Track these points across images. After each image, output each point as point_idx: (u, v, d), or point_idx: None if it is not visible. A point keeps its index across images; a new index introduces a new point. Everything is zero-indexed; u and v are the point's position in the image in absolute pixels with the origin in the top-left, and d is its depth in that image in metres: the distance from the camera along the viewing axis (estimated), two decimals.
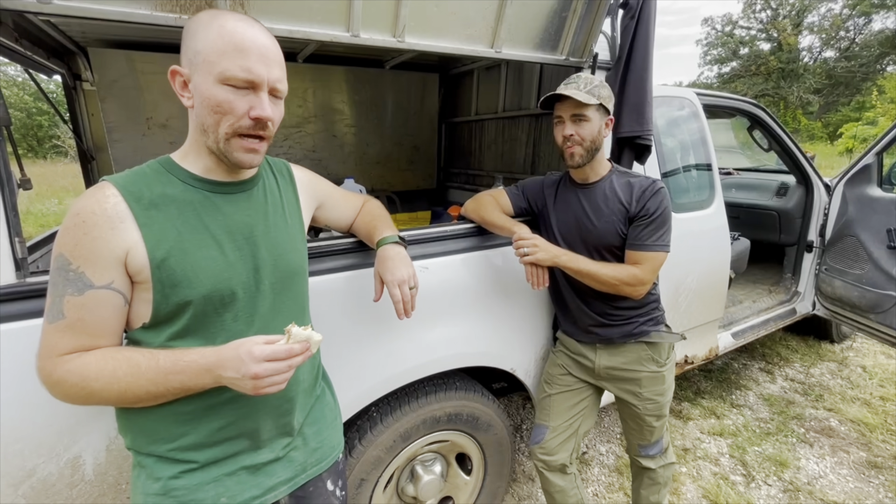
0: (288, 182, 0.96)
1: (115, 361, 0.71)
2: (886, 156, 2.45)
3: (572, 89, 1.28)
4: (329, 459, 0.99)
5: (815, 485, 2.06)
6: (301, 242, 0.93)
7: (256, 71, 0.72)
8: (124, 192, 0.72)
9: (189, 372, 0.71)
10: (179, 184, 0.78)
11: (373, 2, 1.23)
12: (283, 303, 0.87)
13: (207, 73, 0.71)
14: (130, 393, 0.71)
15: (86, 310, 0.71)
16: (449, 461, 1.67)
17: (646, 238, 1.32)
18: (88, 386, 0.70)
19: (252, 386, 0.69)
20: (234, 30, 0.71)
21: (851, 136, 15.90)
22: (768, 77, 23.12)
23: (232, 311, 0.79)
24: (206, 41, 0.71)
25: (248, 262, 0.81)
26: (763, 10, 24.58)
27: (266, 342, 0.71)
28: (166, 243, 0.73)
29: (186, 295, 0.74)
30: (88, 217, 0.70)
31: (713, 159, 2.21)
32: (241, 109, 0.73)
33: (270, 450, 0.88)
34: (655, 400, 1.46)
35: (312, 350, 0.75)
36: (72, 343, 0.71)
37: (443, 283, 1.43)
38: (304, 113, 2.80)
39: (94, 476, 1.04)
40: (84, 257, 0.70)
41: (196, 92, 0.73)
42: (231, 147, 0.75)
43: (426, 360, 1.42)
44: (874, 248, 2.37)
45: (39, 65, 1.88)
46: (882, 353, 3.23)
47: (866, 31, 21.91)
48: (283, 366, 0.70)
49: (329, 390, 1.07)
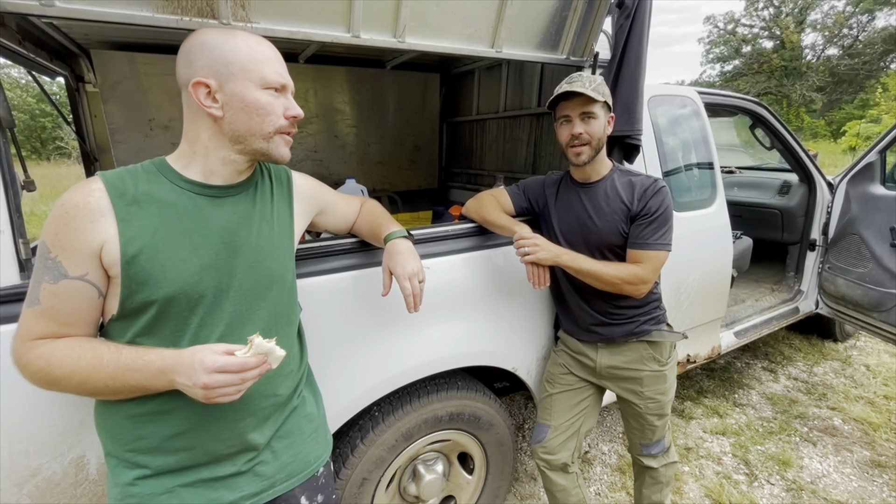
0: (284, 189, 0.97)
1: (81, 350, 0.73)
2: (890, 153, 2.43)
3: (579, 86, 1.26)
4: (303, 474, 0.95)
5: (818, 484, 2.06)
6: (286, 251, 0.93)
7: (286, 76, 0.82)
8: (109, 187, 0.74)
9: (146, 371, 0.72)
10: (168, 184, 0.79)
11: (373, 2, 1.23)
12: (256, 311, 0.85)
13: (247, 80, 0.77)
14: (90, 384, 0.72)
15: (58, 298, 0.72)
16: (451, 460, 1.67)
17: (647, 237, 1.32)
18: (52, 372, 0.72)
19: (202, 395, 0.69)
20: (258, 42, 0.80)
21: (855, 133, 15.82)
22: (771, 75, 23.05)
23: (198, 314, 0.79)
24: (238, 53, 0.76)
25: (223, 267, 0.81)
26: (766, 7, 24.49)
27: (225, 351, 0.71)
28: (140, 240, 0.74)
29: (151, 294, 0.74)
30: (71, 209, 0.72)
31: (715, 158, 2.21)
32: (279, 110, 0.81)
33: (232, 463, 0.85)
34: (657, 399, 1.46)
35: (272, 365, 0.74)
36: (44, 329, 0.73)
37: (445, 283, 1.43)
38: (306, 113, 2.80)
39: (98, 476, 1.04)
40: (62, 247, 0.72)
41: (233, 99, 0.77)
42: (275, 144, 0.82)
43: (428, 359, 1.42)
44: (877, 246, 2.36)
45: (43, 67, 1.89)
46: (886, 351, 3.21)
47: (870, 28, 21.80)
48: (235, 378, 0.69)
49: (313, 400, 1.03)
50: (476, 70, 2.91)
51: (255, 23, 1.14)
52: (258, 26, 1.15)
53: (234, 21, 1.12)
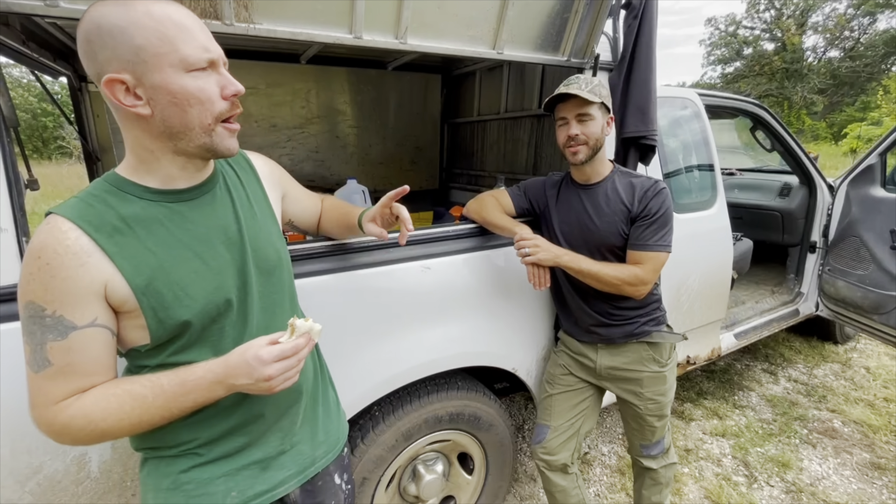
0: (249, 172, 0.91)
1: (118, 398, 0.69)
2: (890, 156, 2.44)
3: (574, 88, 1.28)
4: (334, 451, 0.98)
5: (817, 486, 2.06)
6: (275, 232, 0.90)
7: (211, 46, 0.68)
8: (81, 224, 0.66)
9: (200, 390, 0.71)
10: (136, 201, 0.71)
11: (375, 3, 1.24)
12: (272, 297, 0.86)
13: (165, 66, 0.64)
14: (145, 423, 0.71)
15: (73, 352, 0.67)
16: (451, 460, 1.68)
17: (647, 238, 1.32)
18: (98, 426, 0.68)
19: (267, 387, 0.71)
20: (163, 10, 0.65)
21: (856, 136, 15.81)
22: (772, 77, 23.04)
23: (230, 317, 0.78)
24: (145, 32, 0.63)
25: (232, 266, 0.79)
26: (767, 9, 24.50)
27: (270, 342, 0.71)
28: (145, 267, 0.70)
29: (182, 314, 0.72)
30: (52, 258, 0.64)
31: (715, 160, 2.21)
32: (214, 93, 0.69)
33: (279, 442, 0.88)
34: (657, 400, 1.46)
35: (315, 339, 0.76)
36: (66, 388, 0.68)
37: (445, 283, 1.44)
38: (307, 114, 2.81)
39: (100, 474, 1.05)
40: (59, 300, 0.65)
41: (158, 93, 0.65)
42: (218, 137, 0.71)
43: (428, 359, 1.43)
44: (877, 248, 2.36)
45: (46, 67, 1.90)
46: (886, 354, 3.21)
47: (871, 30, 21.80)
48: (293, 361, 0.72)
49: (330, 382, 1.06)
50: (477, 71, 2.92)
51: (257, 23, 1.15)
52: (261, 27, 1.16)
53: (236, 22, 1.13)
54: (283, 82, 2.67)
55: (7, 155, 0.94)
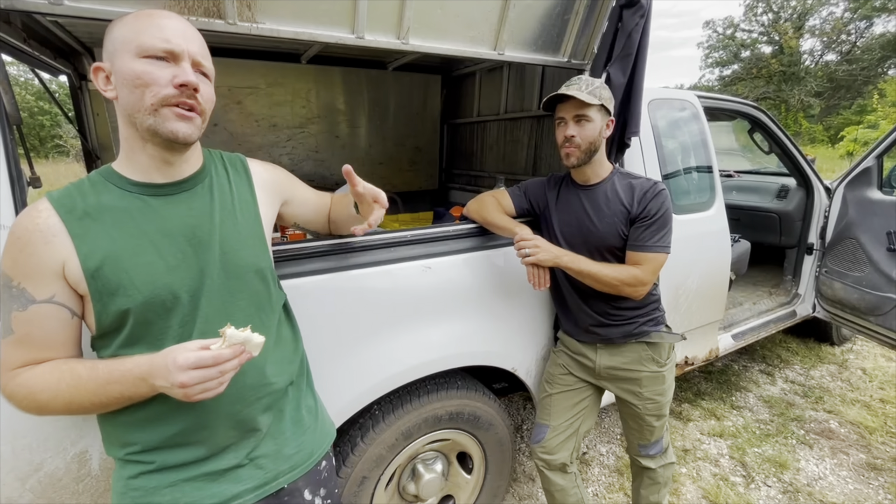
0: (242, 176, 0.92)
1: (59, 373, 0.72)
2: (887, 159, 2.45)
3: (574, 89, 1.30)
4: (305, 465, 0.94)
5: (814, 486, 2.07)
6: (256, 238, 0.89)
7: (175, 41, 0.73)
8: (56, 206, 0.73)
9: (125, 382, 0.71)
10: (116, 191, 0.76)
11: (377, 4, 1.25)
12: (235, 303, 0.83)
13: (125, 52, 0.71)
14: (76, 404, 0.72)
15: (31, 324, 0.72)
16: (450, 460, 1.68)
17: (647, 239, 1.33)
18: (35, 398, 0.72)
19: (182, 394, 0.68)
20: (151, 13, 0.74)
21: (853, 139, 15.91)
22: (770, 80, 23.14)
23: (177, 315, 0.77)
24: (124, 27, 0.72)
25: (192, 265, 0.79)
26: (765, 13, 24.62)
27: (200, 347, 0.69)
28: (99, 252, 0.72)
29: (124, 303, 0.73)
30: (22, 234, 0.71)
31: (714, 161, 2.22)
32: (163, 79, 0.71)
33: (234, 455, 0.85)
34: (655, 400, 1.47)
35: (253, 353, 0.72)
36: (22, 357, 0.73)
37: (445, 283, 1.44)
38: (308, 113, 2.82)
39: (101, 471, 1.05)
40: (23, 273, 0.71)
41: (118, 76, 0.72)
42: (162, 118, 0.72)
43: (429, 358, 1.43)
44: (874, 250, 2.38)
45: (46, 65, 1.90)
46: (882, 355, 3.23)
47: (868, 34, 21.92)
48: (214, 372, 0.67)
49: (311, 392, 1.03)
50: (477, 72, 2.93)
51: (260, 23, 1.16)
52: (263, 26, 1.17)
53: (239, 21, 1.13)
54: (283, 82, 2.67)
55: (10, 152, 0.94)
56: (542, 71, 2.39)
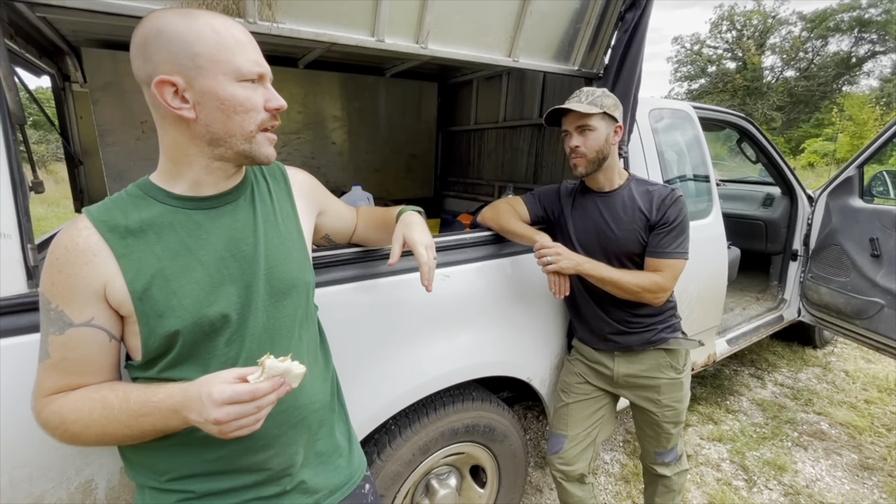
0: (282, 186, 0.89)
1: (92, 402, 0.68)
2: (867, 168, 2.57)
3: (573, 103, 1.32)
4: (346, 487, 0.90)
5: (813, 488, 2.11)
6: (300, 251, 0.85)
7: (262, 61, 0.72)
8: (97, 223, 0.68)
9: (157, 414, 0.66)
10: (158, 206, 0.72)
11: (399, 6, 1.22)
12: (280, 320, 0.80)
13: (219, 73, 0.67)
14: (109, 435, 0.68)
15: (68, 349, 0.68)
16: (463, 474, 1.63)
17: (666, 245, 1.34)
18: (68, 429, 0.68)
19: (217, 431, 0.62)
20: (225, 25, 0.69)
21: (813, 151, 16.78)
22: (735, 94, 24.22)
23: (224, 335, 0.73)
24: (204, 40, 0.66)
25: (238, 282, 0.75)
26: (729, 30, 25.85)
27: (238, 377, 0.63)
28: (146, 273, 0.69)
29: (173, 325, 0.69)
30: (62, 254, 0.67)
31: (711, 170, 2.27)
32: (260, 104, 0.71)
33: (278, 483, 0.81)
34: (674, 406, 1.46)
35: (293, 384, 0.66)
36: (57, 382, 0.69)
37: (463, 292, 1.41)
38: (304, 119, 2.75)
39: (107, 501, 0.96)
40: (61, 295, 0.67)
41: (206, 97, 0.67)
42: (258, 144, 0.73)
43: (445, 370, 1.39)
44: (858, 256, 2.48)
45: (29, 64, 1.79)
46: (862, 357, 3.36)
47: (823, 52, 23.31)
48: (251, 407, 0.62)
49: (343, 412, 0.99)
50: (475, 80, 2.93)
51: (280, 23, 1.12)
52: (283, 26, 1.13)
53: (260, 21, 1.09)
54: (279, 87, 2.53)
55: (12, 154, 0.86)
56: (543, 79, 2.41)
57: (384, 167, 3.11)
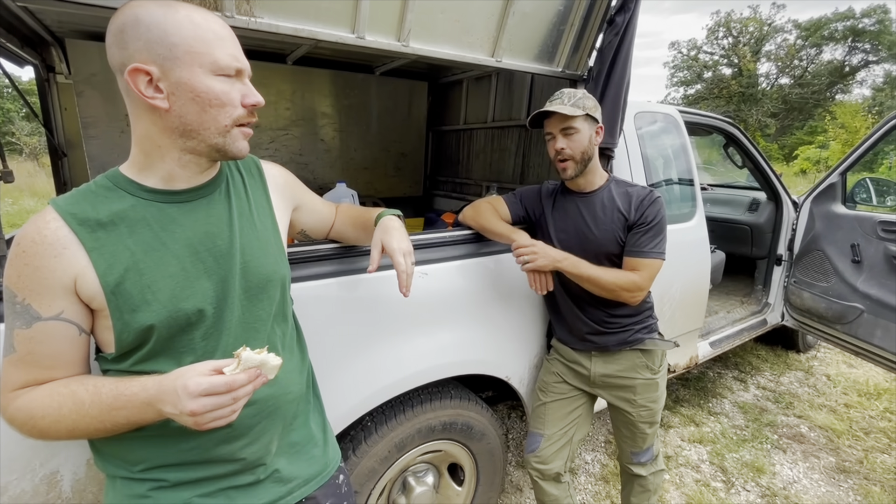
0: (257, 180, 0.88)
1: (61, 397, 0.66)
2: (850, 175, 2.60)
3: (556, 105, 1.32)
4: (321, 476, 0.91)
5: (790, 490, 2.14)
6: (275, 246, 0.85)
7: (240, 56, 0.71)
8: (66, 216, 0.67)
9: (131, 407, 0.65)
10: (129, 198, 0.70)
11: (379, 4, 1.22)
12: (256, 314, 0.80)
13: (196, 65, 0.66)
14: (79, 430, 0.67)
15: (35, 342, 0.67)
16: (441, 472, 1.64)
17: (644, 245, 1.35)
18: (36, 424, 0.66)
19: (192, 423, 0.62)
20: (205, 18, 0.69)
21: (806, 157, 16.95)
22: (730, 100, 24.43)
23: (200, 329, 0.73)
24: (182, 31, 0.65)
25: (214, 276, 0.75)
26: (725, 37, 26.07)
27: (213, 370, 0.63)
28: (119, 266, 0.67)
29: (147, 319, 0.68)
30: (28, 246, 0.65)
31: (695, 174, 2.29)
32: (237, 100, 0.71)
33: (252, 472, 0.81)
34: (649, 407, 1.48)
35: (269, 376, 0.67)
36: (23, 377, 0.68)
37: (441, 291, 1.42)
38: (292, 116, 2.74)
39: (73, 493, 0.96)
40: (28, 288, 0.65)
41: (181, 88, 0.66)
42: (232, 138, 0.72)
43: (423, 367, 1.39)
44: (839, 261, 2.51)
45: (11, 54, 1.77)
46: (844, 362, 3.40)
47: (817, 60, 23.55)
48: (226, 399, 0.62)
49: (318, 403, 1.00)
50: (464, 80, 2.94)
51: (259, 17, 1.12)
52: (262, 21, 1.13)
53: (237, 15, 1.08)
54: (267, 83, 2.60)
55: None
56: (530, 81, 2.42)
57: (373, 165, 3.11)
